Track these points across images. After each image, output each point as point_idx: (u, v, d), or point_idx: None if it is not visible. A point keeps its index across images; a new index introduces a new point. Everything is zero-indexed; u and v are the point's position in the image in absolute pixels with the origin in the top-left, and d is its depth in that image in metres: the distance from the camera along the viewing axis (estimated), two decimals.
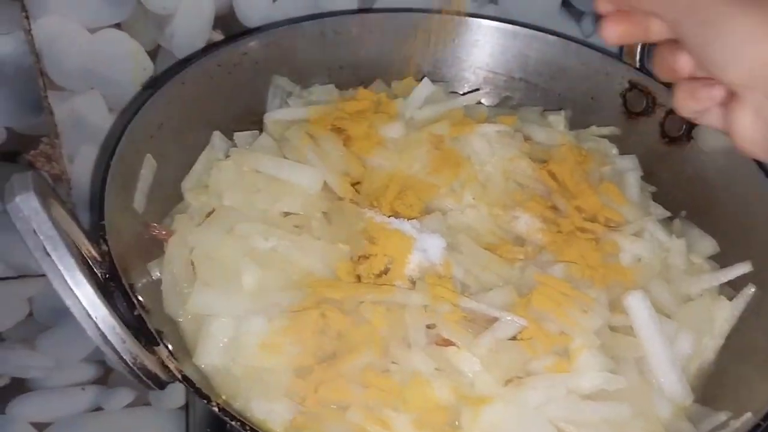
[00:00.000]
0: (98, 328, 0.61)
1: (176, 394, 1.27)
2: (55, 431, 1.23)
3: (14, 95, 1.18)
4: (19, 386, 1.25)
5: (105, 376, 1.28)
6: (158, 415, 1.26)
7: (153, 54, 1.21)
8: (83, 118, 1.25)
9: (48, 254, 0.59)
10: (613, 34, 0.74)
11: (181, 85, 1.03)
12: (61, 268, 0.59)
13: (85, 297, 0.60)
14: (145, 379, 0.65)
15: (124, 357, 0.62)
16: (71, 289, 0.59)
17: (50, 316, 1.30)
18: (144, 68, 1.23)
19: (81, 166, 1.30)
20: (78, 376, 1.27)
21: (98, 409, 1.26)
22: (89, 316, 0.60)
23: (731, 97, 0.67)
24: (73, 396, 1.26)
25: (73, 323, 0.63)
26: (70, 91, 1.21)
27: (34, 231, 0.61)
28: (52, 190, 0.72)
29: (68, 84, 1.20)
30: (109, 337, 0.62)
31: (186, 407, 1.24)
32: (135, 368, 0.63)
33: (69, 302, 0.59)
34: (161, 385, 0.68)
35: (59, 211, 0.70)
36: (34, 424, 1.22)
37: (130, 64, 1.21)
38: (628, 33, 0.74)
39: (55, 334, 1.30)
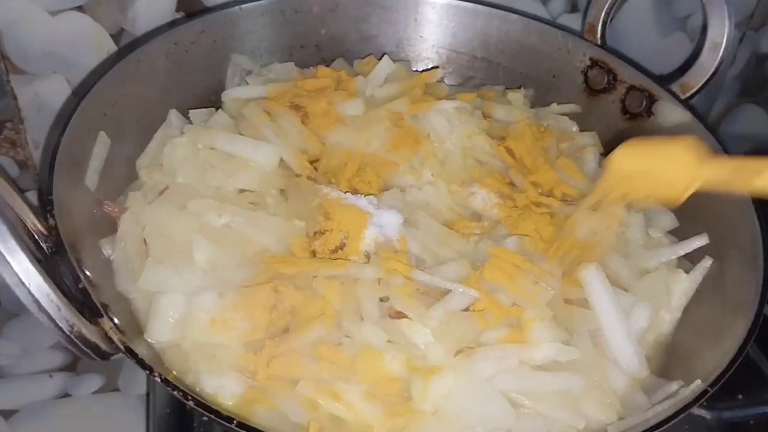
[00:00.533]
0: (31, 295, 0.60)
1: (143, 379, 1.26)
2: (23, 418, 1.21)
3: None
4: None
5: (73, 363, 1.26)
6: (126, 401, 1.25)
7: (116, 37, 1.19)
8: (47, 103, 1.23)
9: None
10: None
11: (136, 63, 1.02)
12: None
13: (18, 264, 0.59)
14: (83, 348, 0.64)
15: (60, 324, 0.62)
16: (3, 255, 0.58)
17: (18, 304, 1.28)
18: (107, 51, 1.21)
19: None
20: (46, 362, 1.26)
21: (66, 395, 1.24)
22: (22, 282, 0.59)
23: None
24: (40, 383, 1.24)
25: None
26: (33, 74, 1.19)
27: None
28: None
29: (30, 67, 1.18)
30: (43, 304, 0.61)
31: (147, 392, 1.23)
32: (72, 336, 0.62)
33: (1, 269, 0.58)
34: (103, 356, 0.67)
35: (1, 183, 0.69)
36: (1, 412, 1.20)
37: (92, 47, 1.19)
38: None
39: (22, 321, 1.29)
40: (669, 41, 1.41)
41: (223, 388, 0.79)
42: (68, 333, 0.62)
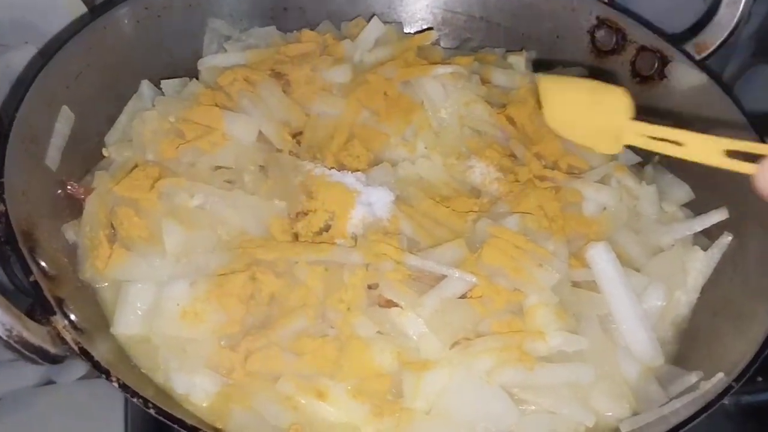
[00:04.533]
0: None
1: None
2: (5, 406, 1.16)
3: None
4: None
5: None
6: (110, 388, 1.20)
7: (90, 4, 1.10)
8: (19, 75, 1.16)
9: None
10: None
11: (102, 31, 0.94)
12: None
13: None
14: (26, 352, 0.57)
15: None
16: None
17: None
18: (82, 21, 1.13)
19: None
20: None
21: (50, 382, 1.19)
22: None
23: None
24: (23, 369, 1.19)
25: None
26: (4, 45, 1.11)
27: None
28: None
29: (1, 38, 1.10)
30: None
31: None
32: (11, 341, 0.55)
33: None
34: (52, 359, 0.60)
35: None
36: None
37: (65, 15, 1.11)
38: None
39: None
40: None
41: (195, 388, 0.72)
42: (6, 338, 0.54)
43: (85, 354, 0.61)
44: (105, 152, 0.91)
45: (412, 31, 1.14)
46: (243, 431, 0.70)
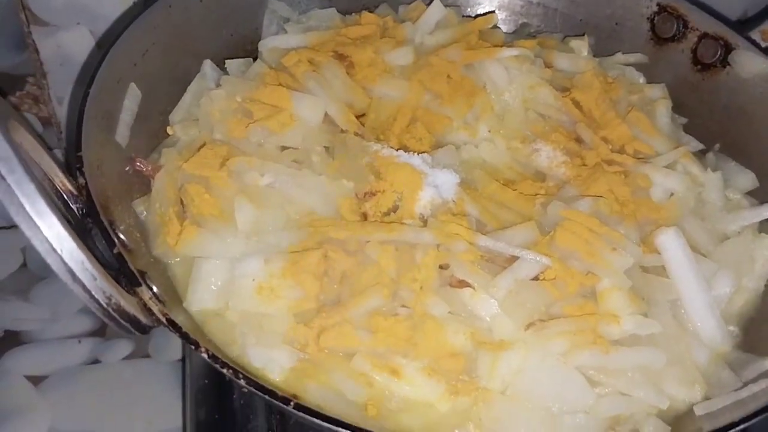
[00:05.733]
0: (64, 263, 0.53)
1: (176, 345, 1.22)
2: (51, 384, 1.18)
3: None
4: (13, 339, 1.20)
5: (102, 328, 1.23)
6: (157, 368, 1.21)
7: None
8: (70, 56, 1.16)
9: (3, 178, 0.50)
10: None
11: (167, 9, 0.94)
12: (18, 193, 0.50)
13: (48, 227, 0.52)
14: (122, 321, 0.57)
15: (96, 296, 0.55)
16: (32, 219, 0.51)
17: (45, 267, 1.23)
18: (134, 1, 1.13)
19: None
20: (74, 327, 1.22)
21: (95, 361, 1.20)
22: (53, 249, 0.52)
23: None
24: (69, 348, 1.21)
25: None
26: (55, 26, 1.12)
27: None
28: (20, 116, 0.63)
29: (53, 19, 1.11)
30: (77, 273, 0.54)
31: (183, 359, 1.19)
32: (110, 309, 0.55)
33: (29, 233, 0.51)
34: (143, 329, 0.60)
35: (26, 137, 0.62)
36: (30, 378, 1.17)
37: None
38: None
39: (49, 285, 1.24)
40: None
41: (271, 362, 0.73)
42: (105, 306, 0.55)
43: (173, 325, 0.62)
44: (170, 130, 0.92)
45: (470, 15, 1.14)
46: (320, 406, 0.70)
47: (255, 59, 1.00)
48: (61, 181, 0.66)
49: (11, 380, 1.15)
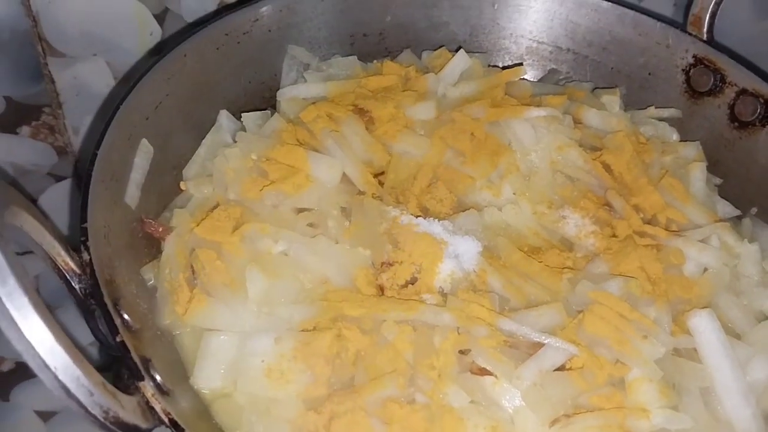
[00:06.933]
0: (58, 380, 0.49)
1: None
2: (61, 421, 1.16)
3: (11, 61, 1.08)
4: (23, 372, 1.18)
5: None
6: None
7: (160, 17, 1.09)
8: (86, 87, 1.14)
9: None
10: None
11: (182, 58, 0.91)
12: (9, 306, 0.47)
13: (40, 343, 0.48)
14: None
15: (93, 411, 0.51)
16: (23, 333, 0.48)
17: (57, 296, 1.22)
18: (150, 33, 1.11)
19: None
20: None
21: None
22: (46, 366, 0.49)
23: None
24: None
25: None
26: (72, 57, 1.10)
27: None
28: (17, 192, 0.60)
29: (69, 50, 1.09)
30: (72, 391, 0.50)
31: None
32: (107, 423, 0.52)
33: (20, 348, 0.48)
34: None
35: (27, 219, 0.59)
36: (39, 413, 1.15)
37: (135, 28, 1.10)
38: None
39: (62, 316, 1.21)
40: None
41: None
42: (102, 419, 0.52)
43: (176, 427, 0.59)
44: (183, 186, 0.88)
45: (496, 63, 1.10)
46: None
47: (273, 107, 0.97)
48: (64, 261, 0.63)
49: (20, 415, 1.13)
